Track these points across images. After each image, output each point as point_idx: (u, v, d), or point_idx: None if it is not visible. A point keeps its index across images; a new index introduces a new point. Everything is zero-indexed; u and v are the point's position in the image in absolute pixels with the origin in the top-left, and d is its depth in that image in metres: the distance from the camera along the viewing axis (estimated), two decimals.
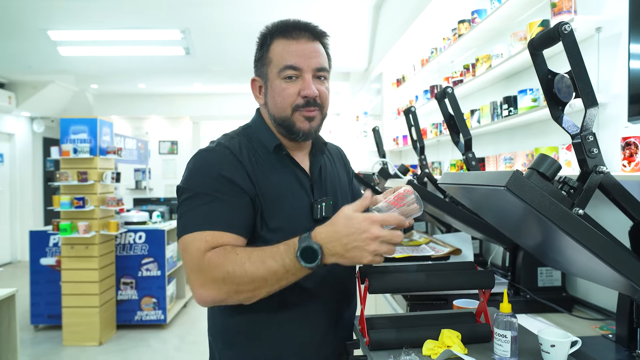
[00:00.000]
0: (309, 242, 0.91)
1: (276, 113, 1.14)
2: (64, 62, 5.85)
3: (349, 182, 1.37)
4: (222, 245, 0.99)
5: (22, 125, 8.51)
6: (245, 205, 1.06)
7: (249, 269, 0.94)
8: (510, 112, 2.10)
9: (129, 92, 9.01)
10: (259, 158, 1.13)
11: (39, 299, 4.46)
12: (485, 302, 1.13)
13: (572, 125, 1.22)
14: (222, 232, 1.00)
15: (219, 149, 1.10)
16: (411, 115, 2.49)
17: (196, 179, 1.06)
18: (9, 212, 8.13)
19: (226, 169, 1.06)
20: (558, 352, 0.96)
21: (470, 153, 1.85)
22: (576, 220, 0.96)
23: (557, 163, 1.12)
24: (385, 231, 0.90)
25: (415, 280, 1.07)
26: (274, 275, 0.95)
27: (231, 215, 1.03)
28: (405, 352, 1.01)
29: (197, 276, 0.98)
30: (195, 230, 1.00)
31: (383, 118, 5.02)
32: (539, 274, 1.77)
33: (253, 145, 1.15)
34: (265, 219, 1.08)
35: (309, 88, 1.10)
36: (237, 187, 1.05)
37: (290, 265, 0.93)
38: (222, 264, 0.96)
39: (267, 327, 1.11)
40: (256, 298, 0.99)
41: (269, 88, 1.14)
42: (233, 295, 0.97)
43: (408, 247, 2.55)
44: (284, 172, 1.15)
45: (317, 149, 1.25)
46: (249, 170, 1.08)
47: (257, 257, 0.95)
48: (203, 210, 1.02)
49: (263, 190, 1.09)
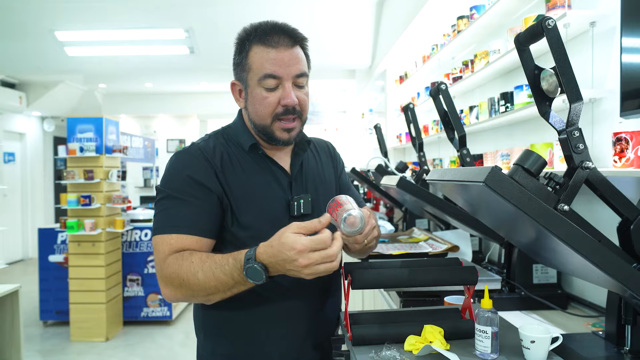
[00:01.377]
0: (252, 264, 0.95)
1: (256, 120, 1.16)
2: (71, 62, 5.92)
3: (336, 178, 1.38)
4: (183, 249, 1.05)
5: (33, 124, 8.63)
6: (212, 206, 1.10)
7: (200, 279, 1.00)
8: (507, 108, 2.09)
9: (136, 91, 9.09)
10: (234, 158, 1.16)
11: (48, 295, 4.53)
12: (469, 297, 1.13)
13: (559, 120, 1.21)
14: (186, 235, 1.06)
15: (191, 151, 1.15)
16: (409, 112, 2.49)
17: (168, 181, 1.12)
18: (21, 210, 8.26)
19: (195, 171, 1.10)
20: (538, 348, 0.96)
21: (465, 149, 1.84)
22: (556, 217, 0.95)
23: (542, 159, 1.11)
24: (314, 256, 0.90)
25: (398, 276, 1.08)
26: (224, 285, 1.00)
27: (196, 217, 1.08)
28: (387, 347, 1.02)
29: (160, 279, 1.06)
30: (161, 233, 1.07)
31: (387, 115, 5.01)
32: (534, 270, 1.76)
33: (229, 146, 1.18)
34: (237, 216, 1.11)
35: (289, 97, 1.11)
36: (205, 188, 1.10)
37: (239, 279, 0.98)
38: (178, 271, 1.02)
39: (248, 322, 1.14)
40: (213, 301, 1.05)
41: (249, 95, 1.16)
42: (190, 297, 1.04)
43: (407, 244, 2.55)
44: (260, 171, 1.17)
45: (299, 147, 1.26)
46: (218, 170, 1.12)
47: (208, 267, 1.00)
48: (171, 212, 1.08)
49: (233, 188, 1.12)
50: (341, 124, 9.37)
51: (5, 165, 7.71)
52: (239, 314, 1.14)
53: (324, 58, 5.90)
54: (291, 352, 1.17)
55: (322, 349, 1.20)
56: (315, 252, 0.90)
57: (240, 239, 1.12)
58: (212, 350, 1.18)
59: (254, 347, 1.15)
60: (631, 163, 1.35)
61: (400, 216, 3.28)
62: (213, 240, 1.11)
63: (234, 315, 1.15)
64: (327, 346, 1.17)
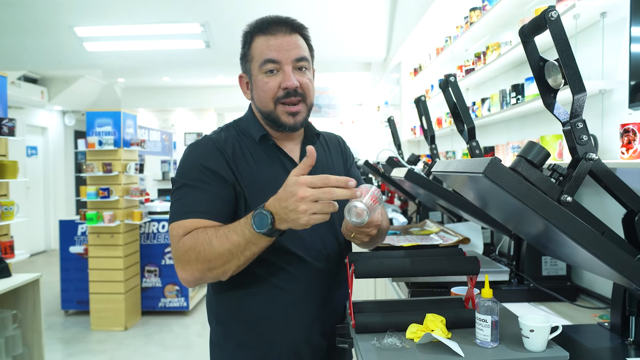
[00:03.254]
0: (260, 210, 0.97)
1: (261, 107, 1.19)
2: (90, 57, 6.02)
3: (346, 172, 1.40)
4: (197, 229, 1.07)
5: (55, 119, 8.83)
6: (226, 193, 1.13)
7: (216, 245, 1.02)
8: (518, 100, 2.08)
9: (154, 85, 9.21)
10: (245, 149, 1.20)
11: (69, 285, 4.66)
12: (472, 287, 1.15)
13: (563, 112, 1.21)
14: (200, 219, 1.08)
15: (203, 142, 1.19)
16: (421, 104, 2.49)
17: (182, 171, 1.15)
18: (43, 202, 8.48)
19: (208, 160, 1.14)
20: (537, 337, 0.97)
21: (474, 142, 1.84)
22: (555, 208, 0.96)
23: (545, 150, 1.12)
24: (311, 191, 0.92)
25: (399, 265, 1.10)
26: (238, 247, 1.01)
27: (210, 202, 1.10)
28: (389, 334, 1.04)
29: (176, 260, 1.08)
30: (177, 220, 1.09)
31: (402, 108, 5.00)
32: (544, 262, 1.76)
33: (240, 138, 1.22)
34: (250, 206, 1.13)
35: (289, 80, 1.14)
36: (218, 176, 1.13)
37: (250, 235, 0.99)
38: (194, 245, 1.04)
39: (258, 309, 1.18)
40: (228, 273, 1.06)
41: (254, 83, 1.20)
42: (207, 272, 1.05)
43: (418, 236, 2.56)
44: (270, 162, 1.20)
45: (308, 139, 1.29)
46: (230, 160, 1.15)
47: (222, 233, 1.02)
48: (186, 200, 1.11)
49: (245, 178, 1.15)
50: (357, 117, 9.36)
51: (28, 158, 7.91)
52: (250, 301, 1.18)
53: (340, 50, 5.89)
54: (300, 338, 1.20)
55: (330, 337, 1.23)
56: (313, 189, 0.92)
57: None
58: (224, 336, 1.22)
59: (264, 334, 1.18)
60: (639, 155, 1.34)
61: (414, 209, 3.28)
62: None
63: (244, 302, 1.18)
64: (335, 334, 1.20)
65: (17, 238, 3.25)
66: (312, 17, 5.02)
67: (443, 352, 0.98)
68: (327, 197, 0.91)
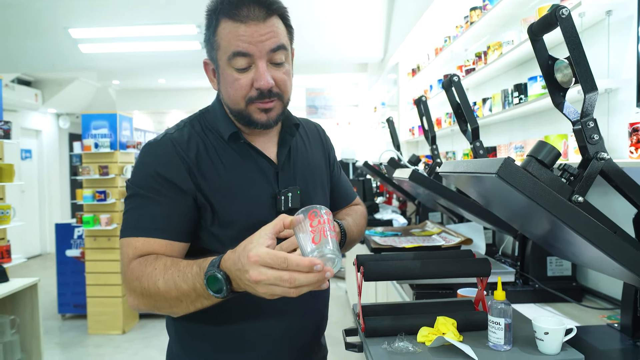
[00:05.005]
0: (214, 271, 0.81)
1: (230, 104, 1.03)
2: (85, 59, 5.98)
3: (328, 167, 1.25)
4: (149, 254, 0.95)
5: (49, 121, 8.76)
6: (183, 206, 0.98)
7: (162, 288, 0.88)
8: (521, 99, 2.07)
9: (149, 87, 9.17)
10: (212, 150, 1.03)
11: (66, 289, 4.61)
12: (482, 289, 1.13)
13: (573, 111, 1.20)
14: (153, 238, 0.95)
15: (162, 143, 1.02)
16: (422, 104, 2.47)
17: (136, 177, 1.01)
18: (38, 206, 8.41)
19: (164, 167, 0.98)
20: (552, 340, 0.96)
21: (478, 142, 1.83)
22: (570, 208, 0.95)
23: (556, 150, 1.10)
24: (268, 273, 0.75)
25: (410, 267, 1.08)
26: (187, 297, 0.87)
27: (166, 219, 0.97)
28: (400, 338, 1.02)
29: (124, 283, 0.96)
30: (128, 235, 0.96)
31: (399, 108, 4.99)
32: (549, 263, 1.75)
33: (207, 135, 1.05)
34: (217, 214, 1.00)
35: (263, 79, 0.97)
36: (175, 187, 0.98)
37: (201, 291, 0.84)
38: (140, 278, 0.91)
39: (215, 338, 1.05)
40: (179, 315, 0.93)
41: (221, 76, 1.03)
42: (153, 309, 0.93)
43: (419, 237, 2.54)
44: (242, 162, 1.05)
45: (286, 132, 1.13)
46: (193, 165, 1.00)
47: (170, 276, 0.88)
48: (138, 212, 0.98)
49: (211, 183, 1.00)
50: (353, 118, 9.35)
51: (23, 161, 7.84)
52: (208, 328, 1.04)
53: (336, 51, 5.88)
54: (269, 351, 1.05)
55: (308, 351, 1.13)
56: (270, 270, 0.75)
57: (221, 239, 1.00)
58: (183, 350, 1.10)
59: (230, 351, 1.05)
60: None
61: (413, 209, 3.27)
62: (186, 244, 1.00)
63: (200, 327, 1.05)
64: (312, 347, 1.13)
65: (13, 242, 3.21)
66: (308, 17, 5.00)
67: (456, 355, 0.96)
68: (287, 285, 0.74)
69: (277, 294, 0.77)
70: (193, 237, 1.02)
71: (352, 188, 1.36)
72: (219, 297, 0.82)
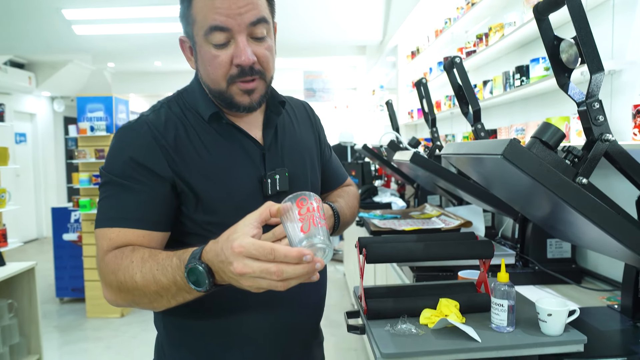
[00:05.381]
0: (195, 263, 0.75)
1: (210, 85, 0.96)
2: (79, 41, 5.89)
3: (318, 147, 1.18)
4: (125, 245, 0.89)
5: (43, 105, 8.67)
6: (161, 193, 0.92)
7: (139, 282, 0.82)
8: (523, 81, 2.05)
9: (145, 70, 9.07)
10: (192, 132, 0.97)
11: (63, 273, 4.61)
12: (485, 271, 1.13)
13: (578, 92, 1.18)
14: (129, 228, 0.89)
15: (136, 126, 0.95)
16: (422, 87, 2.45)
17: (109, 163, 0.94)
18: (34, 190, 8.37)
19: (139, 152, 0.92)
20: (555, 321, 0.95)
21: (479, 124, 1.82)
22: (575, 189, 0.94)
23: (561, 132, 1.09)
24: (251, 266, 0.69)
25: (413, 250, 1.07)
26: (167, 291, 0.81)
27: (142, 207, 0.91)
28: (402, 320, 1.02)
29: (100, 277, 0.90)
30: (103, 226, 0.91)
31: (398, 91, 4.95)
32: (549, 245, 1.75)
33: (186, 116, 0.98)
34: (201, 199, 0.94)
35: (243, 54, 0.90)
36: (152, 173, 0.92)
37: (182, 284, 0.79)
38: (116, 272, 0.85)
39: (202, 334, 1.01)
40: (159, 309, 0.88)
41: (198, 54, 0.95)
42: (132, 304, 0.88)
43: (419, 220, 2.54)
44: (224, 144, 0.98)
45: (272, 111, 1.06)
46: (170, 149, 0.93)
47: (148, 269, 0.82)
48: (113, 202, 0.92)
49: (192, 167, 0.94)
50: (351, 101, 9.30)
51: (17, 145, 7.78)
52: (198, 323, 1.00)
53: (335, 34, 5.81)
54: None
55: (306, 350, 1.10)
56: (255, 262, 0.69)
57: (204, 226, 0.95)
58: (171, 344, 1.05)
59: (215, 349, 1.00)
60: None
61: (412, 192, 3.27)
62: (165, 233, 0.94)
63: (190, 322, 1.00)
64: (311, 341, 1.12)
65: (9, 226, 3.19)
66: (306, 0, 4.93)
67: (459, 337, 0.96)
68: (274, 278, 0.69)
69: (264, 287, 0.71)
70: (174, 225, 0.96)
71: (343, 168, 1.30)
72: (201, 291, 0.77)
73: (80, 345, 3.71)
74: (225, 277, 0.74)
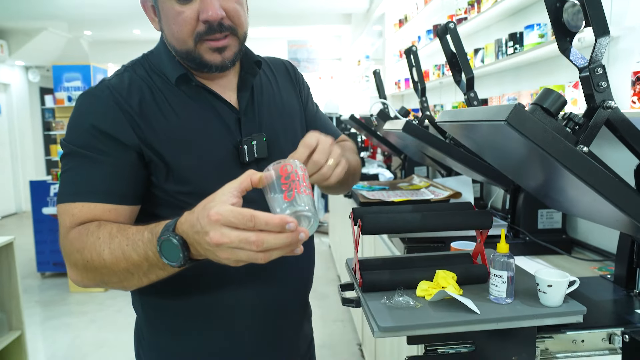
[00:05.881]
0: (168, 235, 0.69)
1: (176, 45, 0.89)
2: (54, 6, 5.64)
3: (301, 107, 1.09)
4: (90, 221, 0.83)
5: (17, 75, 8.37)
6: (127, 164, 0.86)
7: (108, 260, 0.76)
8: (516, 49, 2.00)
9: (124, 38, 8.77)
10: (159, 95, 0.90)
11: (44, 247, 4.53)
12: (482, 242, 1.10)
13: (580, 57, 1.14)
14: (94, 203, 0.83)
15: (97, 91, 0.88)
16: (412, 55, 2.39)
17: (71, 132, 0.87)
18: (11, 163, 8.15)
19: (101, 119, 0.85)
20: (555, 292, 0.94)
21: (472, 92, 1.77)
22: (580, 157, 0.91)
23: (563, 98, 1.05)
24: (229, 236, 0.63)
25: (411, 220, 1.04)
26: (138, 268, 0.75)
27: (106, 179, 0.84)
28: (399, 293, 0.99)
29: (64, 256, 0.84)
30: (65, 201, 0.84)
31: (385, 61, 4.87)
32: (539, 216, 1.74)
33: (152, 79, 0.91)
34: (171, 168, 0.88)
35: (210, 8, 0.83)
36: (116, 142, 0.85)
37: (155, 260, 0.73)
38: (81, 250, 0.79)
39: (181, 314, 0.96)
40: (130, 289, 0.84)
41: (161, 12, 0.88)
42: (100, 284, 0.82)
43: (407, 191, 2.52)
44: (196, 108, 0.91)
45: (246, 71, 0.98)
46: (135, 115, 0.86)
47: (117, 244, 0.76)
48: (76, 174, 0.85)
49: (160, 134, 0.87)
50: (336, 72, 9.16)
51: None
52: (175, 304, 0.94)
53: (318, 1, 5.65)
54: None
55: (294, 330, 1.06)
56: (234, 231, 0.63)
57: (177, 197, 0.88)
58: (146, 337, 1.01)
59: (187, 346, 0.96)
60: None
61: (399, 164, 3.24)
62: (134, 207, 0.88)
63: (168, 302, 0.95)
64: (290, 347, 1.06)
65: None
66: None
67: (457, 309, 0.94)
68: (254, 249, 0.63)
69: (242, 259, 0.65)
70: (144, 198, 0.90)
71: (334, 126, 1.20)
72: (175, 266, 0.71)
73: (64, 320, 3.67)
74: (201, 249, 0.68)
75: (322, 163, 0.78)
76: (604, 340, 1.03)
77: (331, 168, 0.79)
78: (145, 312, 0.99)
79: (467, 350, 0.97)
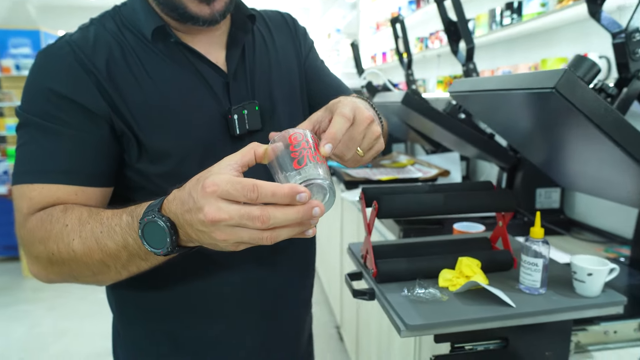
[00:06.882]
0: (153, 216, 0.56)
1: None
2: None
3: (300, 67, 0.92)
4: (53, 205, 0.69)
5: None
6: (96, 137, 0.70)
7: (78, 250, 0.63)
8: (513, 19, 1.89)
9: (77, 3, 8.19)
10: (131, 54, 0.73)
11: None
12: (504, 226, 1.00)
13: (612, 22, 1.04)
14: (55, 184, 0.68)
15: (55, 49, 0.72)
16: (399, 24, 2.26)
17: (26, 99, 0.71)
18: None
19: (60, 81, 0.69)
20: (594, 281, 0.85)
21: (472, 63, 1.66)
22: (634, 132, 0.81)
23: (597, 66, 0.95)
24: (227, 211, 0.50)
25: (432, 203, 0.92)
26: (116, 259, 0.63)
27: (71, 156, 0.69)
28: (420, 284, 0.88)
29: (23, 247, 0.70)
30: (21, 182, 0.69)
31: (359, 35, 4.71)
32: (538, 195, 1.67)
33: (124, 35, 0.75)
34: (144, 144, 0.72)
35: None
36: (79, 109, 0.69)
37: (135, 248, 0.61)
38: (45, 240, 0.65)
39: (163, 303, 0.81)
40: (106, 284, 0.72)
41: None
42: (69, 278, 0.68)
43: (392, 168, 2.42)
44: (176, 70, 0.75)
45: (237, 27, 0.82)
46: (102, 76, 0.70)
47: (90, 231, 0.63)
48: (32, 149, 0.69)
49: (131, 102, 0.72)
50: None
51: None
52: (154, 296, 0.81)
53: None
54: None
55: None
56: (233, 205, 0.51)
57: (152, 178, 0.74)
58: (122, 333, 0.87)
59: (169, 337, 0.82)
60: None
61: None
62: (105, 189, 0.73)
63: (143, 297, 0.81)
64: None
65: None
66: None
67: (488, 302, 0.83)
68: (258, 226, 0.51)
69: (244, 240, 0.52)
70: (117, 179, 0.75)
71: (344, 85, 1.01)
72: (161, 254, 0.58)
73: (20, 307, 3.41)
74: (192, 232, 0.55)
75: (359, 141, 0.63)
76: (636, 331, 0.96)
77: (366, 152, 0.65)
78: (118, 307, 0.85)
79: (496, 347, 0.87)
